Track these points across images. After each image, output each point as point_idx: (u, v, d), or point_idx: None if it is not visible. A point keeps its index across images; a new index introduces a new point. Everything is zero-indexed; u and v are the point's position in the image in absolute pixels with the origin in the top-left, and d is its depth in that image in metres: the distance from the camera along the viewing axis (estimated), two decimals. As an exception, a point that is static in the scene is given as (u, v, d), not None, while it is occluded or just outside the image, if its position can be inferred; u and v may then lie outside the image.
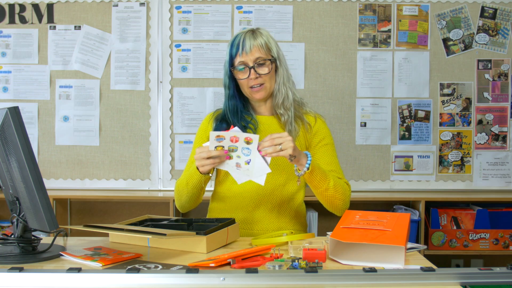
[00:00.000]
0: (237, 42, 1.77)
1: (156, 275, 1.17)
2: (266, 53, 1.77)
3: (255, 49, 1.75)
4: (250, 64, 1.76)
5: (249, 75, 1.76)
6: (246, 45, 1.75)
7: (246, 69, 1.76)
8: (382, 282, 1.16)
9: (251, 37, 1.77)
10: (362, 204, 3.13)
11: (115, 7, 3.14)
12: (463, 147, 3.17)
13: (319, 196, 1.74)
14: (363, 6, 3.14)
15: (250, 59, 1.76)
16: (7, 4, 3.14)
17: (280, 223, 1.83)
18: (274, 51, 1.79)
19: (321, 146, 1.83)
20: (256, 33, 1.78)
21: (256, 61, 1.76)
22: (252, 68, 1.76)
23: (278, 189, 1.82)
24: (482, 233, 2.91)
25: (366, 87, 3.16)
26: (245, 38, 1.76)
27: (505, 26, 3.15)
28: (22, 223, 1.44)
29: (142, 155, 3.16)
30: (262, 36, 1.78)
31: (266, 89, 1.80)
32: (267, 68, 1.77)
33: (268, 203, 1.81)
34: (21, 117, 1.34)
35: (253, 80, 1.77)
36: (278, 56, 1.80)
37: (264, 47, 1.76)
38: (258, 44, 1.75)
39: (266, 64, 1.77)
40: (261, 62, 1.76)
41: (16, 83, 3.16)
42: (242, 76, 1.78)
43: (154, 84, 3.14)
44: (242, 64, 1.77)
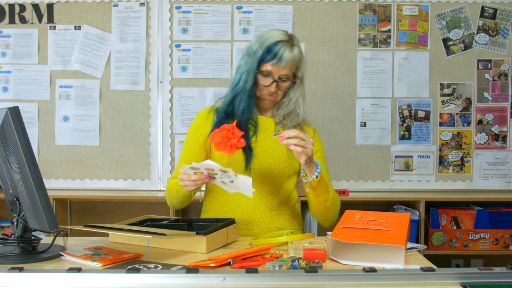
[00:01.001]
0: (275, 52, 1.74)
1: (156, 275, 1.17)
2: (293, 70, 1.78)
3: (287, 65, 1.75)
4: (276, 77, 1.76)
5: (270, 86, 1.77)
6: (283, 59, 1.73)
7: (270, 79, 1.76)
8: (382, 282, 1.16)
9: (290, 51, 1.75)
10: (362, 204, 3.14)
11: (115, 7, 3.14)
12: (463, 147, 3.17)
13: (316, 205, 1.75)
14: (363, 6, 3.14)
15: (278, 73, 1.76)
16: (7, 4, 3.14)
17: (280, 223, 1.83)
18: (300, 71, 1.80)
19: (317, 158, 1.82)
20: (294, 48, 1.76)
21: (281, 77, 1.77)
22: (276, 82, 1.76)
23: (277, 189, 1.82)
24: (482, 233, 2.91)
25: (366, 87, 3.16)
26: (284, 51, 1.74)
27: (505, 26, 3.15)
28: (22, 223, 1.44)
29: (142, 155, 3.16)
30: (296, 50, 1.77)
31: (276, 101, 1.83)
32: (286, 85, 1.79)
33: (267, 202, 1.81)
34: (21, 117, 1.34)
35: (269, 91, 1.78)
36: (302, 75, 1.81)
37: (295, 64, 1.77)
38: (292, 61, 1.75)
39: (287, 83, 1.79)
40: (284, 79, 1.78)
41: (16, 83, 3.16)
42: (263, 82, 1.78)
43: (154, 84, 3.14)
44: (268, 73, 1.76)
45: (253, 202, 1.80)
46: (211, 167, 1.53)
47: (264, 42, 1.76)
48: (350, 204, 3.05)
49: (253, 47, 1.78)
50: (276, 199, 1.82)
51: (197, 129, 1.88)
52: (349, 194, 3.01)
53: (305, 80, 1.87)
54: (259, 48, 1.76)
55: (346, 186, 3.12)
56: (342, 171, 3.15)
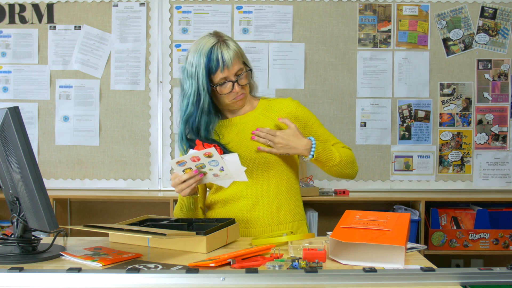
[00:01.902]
0: (215, 58, 1.68)
1: (156, 275, 1.17)
2: (241, 62, 1.73)
3: (234, 61, 1.69)
4: (233, 78, 1.71)
5: (233, 89, 1.71)
6: (226, 59, 1.68)
7: (228, 84, 1.71)
8: (382, 282, 1.16)
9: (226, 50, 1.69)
10: (362, 204, 3.14)
11: (115, 7, 3.14)
12: (463, 147, 3.17)
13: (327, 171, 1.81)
14: (363, 6, 3.14)
15: (232, 73, 1.70)
16: (7, 4, 3.14)
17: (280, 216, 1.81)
18: (246, 58, 1.76)
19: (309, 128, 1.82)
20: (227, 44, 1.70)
21: (237, 74, 1.71)
22: (236, 82, 1.71)
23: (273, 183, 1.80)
24: (482, 233, 2.91)
25: (366, 87, 3.16)
26: (222, 51, 1.68)
27: (505, 26, 3.15)
28: (22, 223, 1.44)
29: (142, 155, 3.16)
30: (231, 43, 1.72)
31: (246, 96, 1.79)
32: (245, 79, 1.74)
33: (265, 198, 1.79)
34: (21, 117, 1.34)
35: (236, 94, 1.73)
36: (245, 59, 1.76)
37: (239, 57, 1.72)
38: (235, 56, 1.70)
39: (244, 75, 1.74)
40: (239, 74, 1.72)
41: (16, 83, 3.16)
42: (225, 90, 1.72)
43: (154, 84, 3.14)
44: (223, 80, 1.71)
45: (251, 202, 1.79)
46: (195, 155, 1.54)
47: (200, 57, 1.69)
48: (350, 204, 3.05)
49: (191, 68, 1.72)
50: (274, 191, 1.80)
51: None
52: (349, 194, 3.01)
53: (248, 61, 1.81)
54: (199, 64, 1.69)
55: (346, 186, 3.12)
56: (342, 171, 3.15)
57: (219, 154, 1.54)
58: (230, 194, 1.80)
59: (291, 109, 1.81)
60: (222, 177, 1.62)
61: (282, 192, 1.81)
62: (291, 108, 1.82)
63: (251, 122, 1.81)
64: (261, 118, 1.82)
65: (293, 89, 3.13)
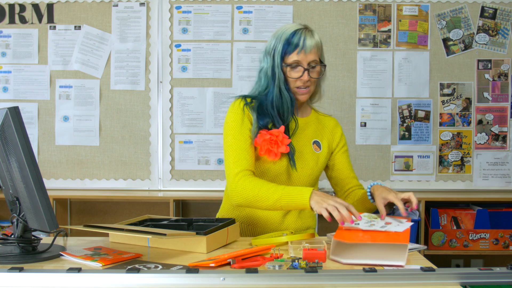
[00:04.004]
0: (296, 40, 1.67)
1: (156, 275, 1.17)
2: (319, 56, 1.72)
3: (314, 50, 1.68)
4: (305, 65, 1.69)
5: (302, 76, 1.69)
6: (307, 45, 1.67)
7: (300, 69, 1.69)
8: (382, 282, 1.16)
9: (310, 37, 1.69)
10: (362, 204, 3.13)
11: (115, 7, 3.14)
12: (463, 147, 3.17)
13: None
14: (363, 6, 3.14)
15: (307, 60, 1.68)
16: (7, 4, 3.14)
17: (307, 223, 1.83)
18: (323, 55, 1.75)
19: (343, 151, 1.86)
20: (313, 33, 1.71)
21: (311, 64, 1.70)
22: (307, 70, 1.69)
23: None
24: (482, 233, 2.91)
25: (366, 87, 3.16)
26: (305, 37, 1.68)
27: (505, 26, 3.15)
28: (22, 223, 1.44)
29: (142, 155, 3.16)
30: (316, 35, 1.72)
31: (310, 92, 1.75)
32: (317, 72, 1.72)
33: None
34: (21, 117, 1.34)
35: (303, 82, 1.70)
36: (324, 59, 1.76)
37: (319, 49, 1.71)
38: (317, 46, 1.69)
39: (317, 68, 1.71)
40: (313, 65, 1.70)
41: (16, 83, 3.16)
42: (295, 75, 1.70)
43: (154, 84, 3.14)
44: (296, 63, 1.69)
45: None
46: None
47: (281, 36, 1.70)
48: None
49: (270, 45, 1.73)
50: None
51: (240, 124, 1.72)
52: (349, 194, 3.01)
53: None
54: (278, 43, 1.70)
55: (346, 186, 3.12)
56: (342, 171, 3.15)
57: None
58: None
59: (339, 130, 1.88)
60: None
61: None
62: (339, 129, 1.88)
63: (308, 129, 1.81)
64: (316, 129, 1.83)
65: (293, 89, 3.13)
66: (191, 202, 3.20)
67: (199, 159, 3.15)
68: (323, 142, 1.82)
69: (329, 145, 1.83)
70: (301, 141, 1.78)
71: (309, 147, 1.79)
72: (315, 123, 1.84)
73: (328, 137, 1.84)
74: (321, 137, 1.82)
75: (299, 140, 1.78)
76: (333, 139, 1.85)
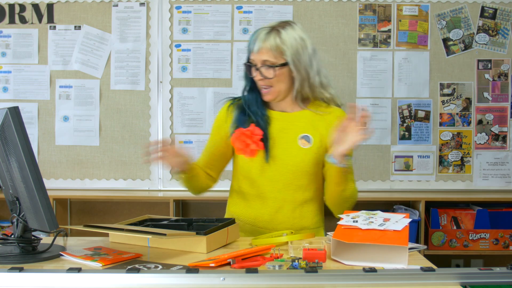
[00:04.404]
0: (253, 38, 1.71)
1: (156, 275, 1.17)
2: (276, 56, 1.68)
3: (263, 51, 1.68)
4: (258, 64, 1.71)
5: (255, 76, 1.72)
6: (256, 45, 1.69)
7: (254, 68, 1.72)
8: (382, 282, 1.16)
9: (263, 37, 1.69)
10: (362, 204, 3.13)
11: (115, 7, 3.14)
12: (463, 147, 3.17)
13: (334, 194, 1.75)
14: (363, 6, 3.14)
15: (258, 60, 1.70)
16: (7, 4, 3.14)
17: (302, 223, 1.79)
18: (288, 55, 1.69)
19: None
20: (271, 34, 1.69)
21: (264, 64, 1.70)
22: (258, 70, 1.71)
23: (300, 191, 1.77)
24: (482, 233, 2.91)
25: (366, 87, 3.16)
26: (258, 36, 1.70)
27: (505, 26, 3.15)
28: (22, 223, 1.44)
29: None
30: (277, 37, 1.68)
31: (274, 92, 1.73)
32: (272, 72, 1.69)
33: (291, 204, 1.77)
34: (21, 117, 1.34)
35: (259, 81, 1.73)
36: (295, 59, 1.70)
37: (274, 50, 1.68)
38: (268, 47, 1.68)
39: (274, 68, 1.69)
40: (268, 65, 1.69)
41: (16, 83, 3.16)
42: (250, 74, 1.74)
43: (154, 84, 3.14)
44: (253, 61, 1.72)
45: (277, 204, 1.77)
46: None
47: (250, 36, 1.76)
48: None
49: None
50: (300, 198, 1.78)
51: (221, 123, 1.85)
52: (349, 194, 3.01)
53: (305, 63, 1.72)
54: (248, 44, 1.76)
55: (346, 186, 3.12)
56: (342, 171, 3.15)
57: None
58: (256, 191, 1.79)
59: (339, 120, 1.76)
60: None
61: (307, 200, 1.80)
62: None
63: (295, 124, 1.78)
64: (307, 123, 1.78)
65: (293, 89, 3.13)
66: (191, 202, 3.20)
67: (199, 159, 3.14)
68: (315, 137, 1.76)
69: (323, 140, 1.76)
70: (287, 136, 1.76)
71: (295, 142, 1.76)
72: (308, 117, 1.78)
73: (322, 132, 1.76)
74: (313, 131, 1.77)
75: (284, 135, 1.76)
76: (328, 135, 1.75)
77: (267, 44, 1.68)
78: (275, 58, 1.69)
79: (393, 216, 1.51)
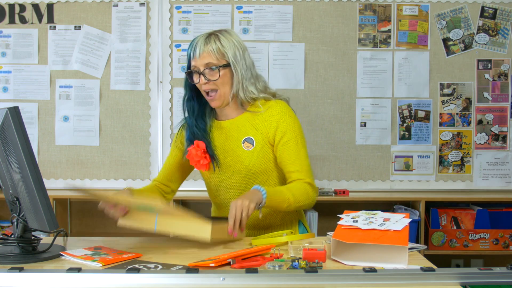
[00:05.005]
0: (193, 45, 1.76)
1: (156, 275, 1.17)
2: (218, 59, 1.73)
3: (205, 54, 1.73)
4: (201, 69, 1.75)
5: (199, 80, 1.75)
6: (197, 50, 1.74)
7: (197, 74, 1.76)
8: (382, 282, 1.16)
9: (204, 42, 1.74)
10: (362, 204, 3.13)
11: (115, 7, 3.14)
12: (463, 147, 3.17)
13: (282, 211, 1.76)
14: (363, 6, 3.14)
15: (201, 64, 1.74)
16: (7, 4, 3.14)
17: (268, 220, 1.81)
18: (229, 56, 1.74)
19: (282, 144, 1.77)
20: (211, 38, 1.75)
21: (207, 66, 1.74)
22: (202, 74, 1.74)
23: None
24: (482, 233, 2.91)
25: (366, 87, 3.16)
26: (197, 42, 1.75)
27: (505, 26, 3.15)
28: (22, 223, 1.44)
29: (142, 155, 3.16)
30: (217, 41, 1.74)
31: (221, 96, 1.77)
32: (217, 74, 1.74)
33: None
34: (21, 117, 1.34)
35: (204, 86, 1.76)
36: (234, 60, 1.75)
37: (216, 52, 1.73)
38: (209, 50, 1.73)
39: (218, 70, 1.74)
40: (212, 67, 1.74)
41: (16, 83, 3.16)
42: (194, 80, 1.77)
43: (154, 84, 3.14)
44: (194, 68, 1.76)
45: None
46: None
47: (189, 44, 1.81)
48: (350, 204, 3.05)
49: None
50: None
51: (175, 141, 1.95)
52: (349, 194, 3.02)
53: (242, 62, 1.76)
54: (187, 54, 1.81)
55: (346, 186, 3.12)
56: (342, 171, 3.15)
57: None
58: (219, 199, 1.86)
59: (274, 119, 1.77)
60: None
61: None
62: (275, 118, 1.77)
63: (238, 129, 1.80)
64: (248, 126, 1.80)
65: (293, 89, 3.13)
66: (191, 202, 3.20)
67: (199, 159, 3.14)
68: (256, 137, 1.78)
69: (265, 139, 1.77)
70: (231, 142, 1.80)
71: (240, 146, 1.78)
72: (248, 120, 1.80)
73: (262, 131, 1.78)
74: (254, 132, 1.78)
75: (230, 142, 1.80)
76: (268, 132, 1.77)
77: (208, 47, 1.73)
78: (217, 60, 1.74)
79: (393, 216, 1.51)
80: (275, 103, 1.81)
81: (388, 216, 1.51)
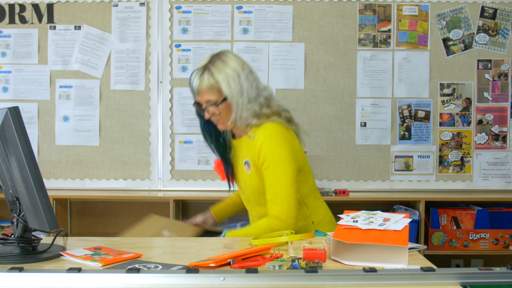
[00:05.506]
0: (191, 82, 1.83)
1: (156, 275, 1.17)
2: (216, 93, 1.78)
3: (202, 92, 1.80)
4: (204, 104, 1.82)
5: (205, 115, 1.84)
6: (194, 87, 1.82)
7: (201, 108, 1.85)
8: (382, 282, 1.16)
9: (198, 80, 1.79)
10: (362, 204, 3.13)
11: (115, 7, 3.14)
12: (463, 147, 3.17)
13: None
14: (363, 6, 3.14)
15: (202, 100, 1.82)
16: (7, 4, 3.14)
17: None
18: (225, 91, 1.76)
19: (262, 171, 1.80)
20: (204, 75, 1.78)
21: (208, 103, 1.81)
22: (205, 109, 1.83)
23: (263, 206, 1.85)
24: (482, 233, 2.91)
25: (366, 87, 3.16)
26: (194, 80, 1.81)
27: (505, 26, 3.15)
28: (22, 223, 1.44)
29: (142, 155, 3.16)
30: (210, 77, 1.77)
31: (225, 122, 1.84)
32: (217, 109, 1.80)
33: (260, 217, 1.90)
34: (21, 117, 1.34)
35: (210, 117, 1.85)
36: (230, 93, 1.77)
37: (212, 89, 1.78)
38: (205, 88, 1.79)
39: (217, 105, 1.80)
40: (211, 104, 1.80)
41: (16, 83, 3.16)
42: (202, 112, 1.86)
43: (154, 84, 3.14)
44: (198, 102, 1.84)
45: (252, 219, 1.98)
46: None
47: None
48: (350, 204, 3.05)
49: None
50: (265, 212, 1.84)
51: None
52: (349, 194, 3.02)
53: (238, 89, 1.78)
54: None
55: (346, 186, 3.12)
56: (342, 171, 3.15)
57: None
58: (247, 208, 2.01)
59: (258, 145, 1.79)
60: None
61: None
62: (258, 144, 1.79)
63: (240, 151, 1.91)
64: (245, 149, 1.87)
65: (293, 89, 3.13)
66: (191, 202, 3.20)
67: (199, 159, 3.15)
68: (251, 161, 1.83)
69: (255, 163, 1.82)
70: (237, 163, 1.93)
71: (242, 168, 1.88)
72: (246, 143, 1.85)
73: (253, 156, 1.82)
74: (250, 156, 1.83)
75: (237, 161, 1.93)
76: (255, 157, 1.81)
77: (203, 85, 1.79)
78: (214, 95, 1.79)
79: (393, 216, 1.51)
80: (264, 128, 1.80)
81: (388, 216, 1.51)
